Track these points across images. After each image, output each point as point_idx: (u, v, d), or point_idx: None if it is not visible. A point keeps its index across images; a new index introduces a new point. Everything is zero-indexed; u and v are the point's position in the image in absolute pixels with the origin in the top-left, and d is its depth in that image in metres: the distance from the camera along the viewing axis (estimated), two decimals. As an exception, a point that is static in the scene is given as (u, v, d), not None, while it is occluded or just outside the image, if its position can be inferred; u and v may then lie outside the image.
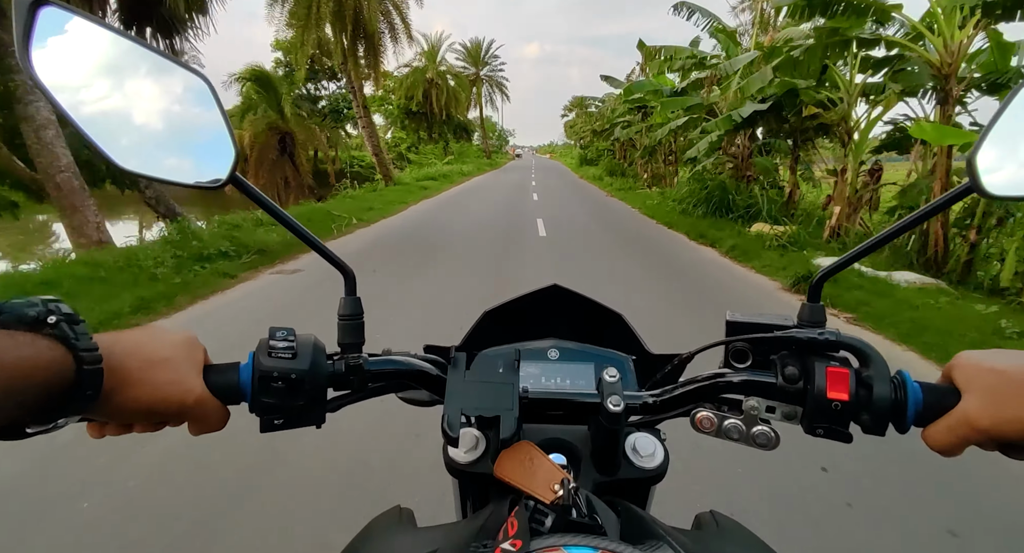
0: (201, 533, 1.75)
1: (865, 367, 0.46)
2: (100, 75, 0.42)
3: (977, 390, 0.42)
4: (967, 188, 0.41)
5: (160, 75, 0.44)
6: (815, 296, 0.50)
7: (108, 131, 0.41)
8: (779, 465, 2.10)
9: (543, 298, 0.71)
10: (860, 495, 1.98)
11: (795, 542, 1.73)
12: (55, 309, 0.35)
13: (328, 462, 2.14)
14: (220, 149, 0.46)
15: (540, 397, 0.54)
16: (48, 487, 1.98)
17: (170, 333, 0.44)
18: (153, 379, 0.40)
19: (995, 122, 0.41)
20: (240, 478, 2.04)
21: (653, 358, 0.67)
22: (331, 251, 0.53)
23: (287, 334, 0.47)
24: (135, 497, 1.93)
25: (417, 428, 2.32)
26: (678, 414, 0.55)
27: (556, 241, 7.83)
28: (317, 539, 1.71)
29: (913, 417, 0.44)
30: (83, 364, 0.34)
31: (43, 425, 0.36)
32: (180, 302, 4.50)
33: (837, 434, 0.47)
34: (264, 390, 0.45)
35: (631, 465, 0.54)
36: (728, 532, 0.54)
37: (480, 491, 0.60)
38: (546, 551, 0.34)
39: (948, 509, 1.91)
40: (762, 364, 0.52)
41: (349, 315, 0.53)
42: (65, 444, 2.18)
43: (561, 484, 0.44)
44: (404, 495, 1.91)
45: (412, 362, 0.55)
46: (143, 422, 0.43)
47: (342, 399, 0.52)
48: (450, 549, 0.41)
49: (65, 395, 0.34)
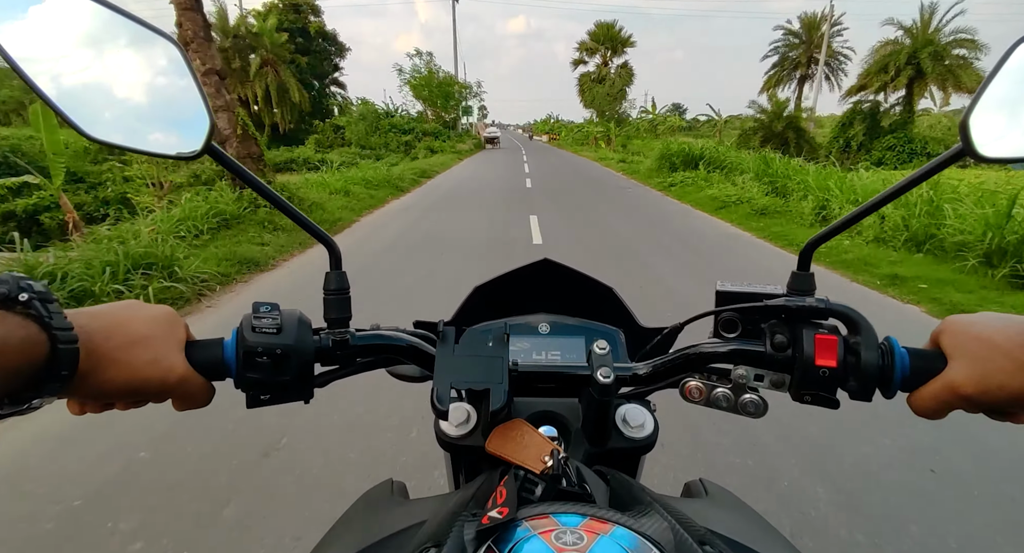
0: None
1: (854, 334, 0.46)
2: (64, 40, 0.40)
3: (963, 357, 0.42)
4: (959, 151, 0.40)
5: (128, 39, 0.42)
6: (804, 264, 0.50)
7: (74, 98, 0.39)
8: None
9: (534, 273, 0.70)
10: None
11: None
12: (27, 287, 0.34)
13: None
14: (194, 118, 0.44)
15: (530, 370, 0.54)
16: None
17: (148, 308, 0.43)
18: (132, 359, 0.39)
19: (988, 84, 0.40)
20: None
21: (643, 330, 0.67)
22: (315, 225, 0.52)
23: (271, 309, 0.46)
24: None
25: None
26: (668, 385, 0.55)
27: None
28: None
29: (900, 383, 0.45)
30: (57, 343, 0.33)
31: (16, 406, 0.35)
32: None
33: (824, 400, 0.47)
34: (249, 366, 0.45)
35: (621, 436, 0.55)
36: (717, 499, 0.55)
37: (472, 464, 0.61)
38: (535, 518, 0.34)
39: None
40: (752, 333, 0.52)
41: (335, 290, 0.52)
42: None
43: (551, 455, 0.44)
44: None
45: (400, 337, 0.54)
46: (124, 400, 0.42)
47: (329, 375, 0.52)
48: (438, 519, 0.41)
49: (39, 375, 0.33)
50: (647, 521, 0.36)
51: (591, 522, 0.34)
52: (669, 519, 0.37)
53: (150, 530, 1.70)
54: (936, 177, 5.69)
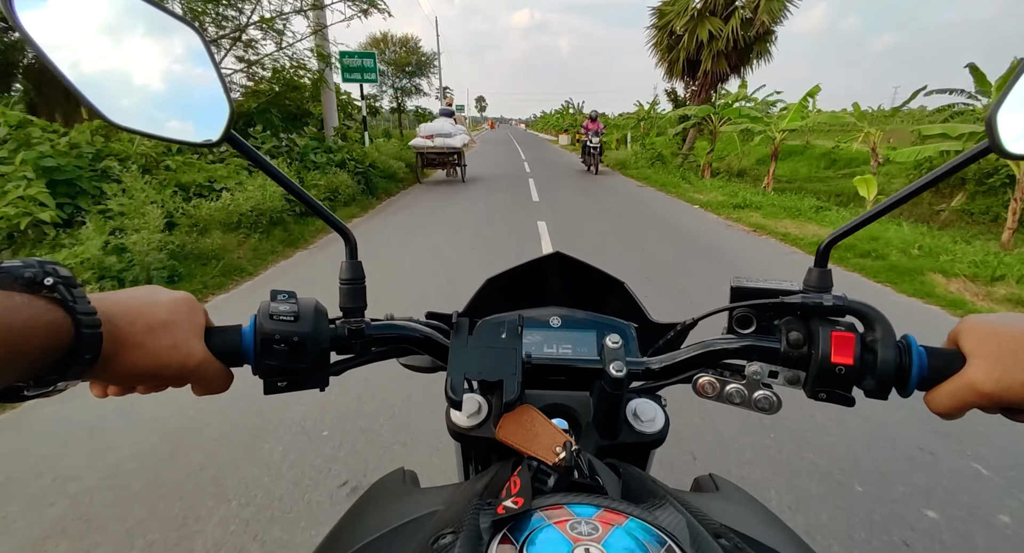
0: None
1: (871, 331, 0.46)
2: (87, 26, 0.40)
3: (983, 356, 0.41)
4: (986, 148, 0.40)
5: (149, 26, 0.42)
6: (822, 261, 0.50)
7: (97, 84, 0.40)
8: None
9: (545, 266, 0.70)
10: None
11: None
12: (52, 271, 0.34)
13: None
14: (214, 106, 0.44)
15: (543, 362, 0.54)
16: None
17: (169, 294, 0.43)
18: (153, 344, 0.40)
19: (1016, 81, 0.40)
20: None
21: (655, 326, 0.67)
22: (332, 215, 0.52)
23: (289, 297, 0.47)
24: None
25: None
26: (680, 380, 0.55)
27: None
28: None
29: (917, 381, 0.44)
30: (82, 327, 0.34)
31: (42, 388, 0.36)
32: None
33: (840, 398, 0.47)
34: (267, 353, 0.45)
35: (632, 430, 0.55)
36: (729, 494, 0.55)
37: (482, 455, 0.61)
38: (549, 509, 0.34)
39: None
40: (766, 329, 0.51)
41: (351, 279, 0.53)
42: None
43: (563, 446, 0.44)
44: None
45: (414, 327, 0.54)
46: (145, 384, 0.43)
47: (344, 363, 0.52)
48: (453, 507, 0.41)
49: (64, 358, 0.34)
50: (661, 514, 0.36)
51: (605, 513, 0.34)
52: (684, 512, 0.37)
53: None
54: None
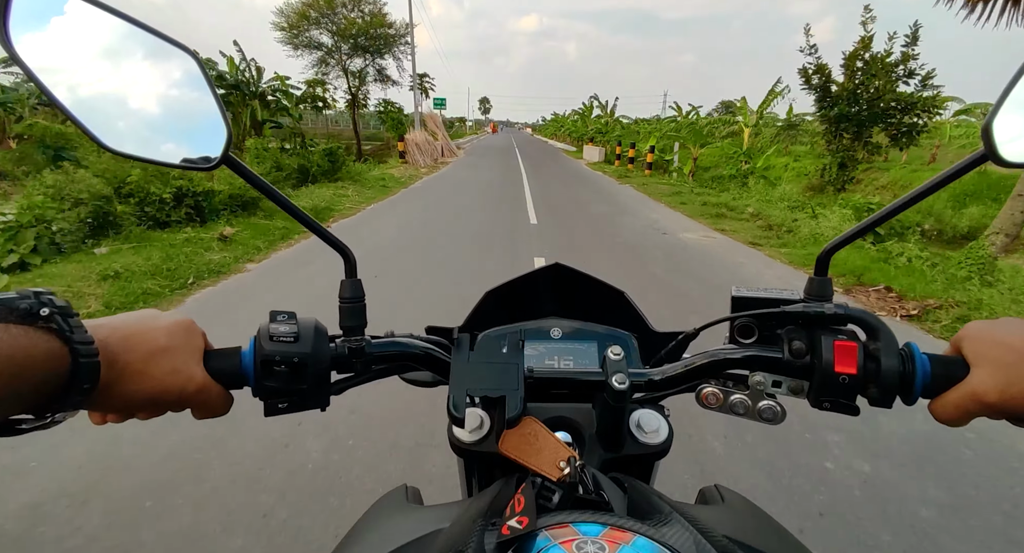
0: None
1: (873, 340, 0.46)
2: (83, 51, 0.40)
3: (986, 363, 0.41)
4: (982, 156, 0.40)
5: (146, 51, 0.42)
6: (822, 269, 0.50)
7: (92, 108, 0.40)
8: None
9: (545, 277, 0.70)
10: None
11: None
12: (48, 301, 0.34)
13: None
14: (212, 129, 0.44)
15: (545, 376, 0.54)
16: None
17: (167, 318, 0.43)
18: (152, 370, 0.39)
19: (1010, 89, 0.40)
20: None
21: (656, 335, 0.66)
22: (331, 233, 0.52)
23: (288, 318, 0.46)
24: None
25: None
26: (683, 390, 0.55)
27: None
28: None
29: (920, 389, 0.44)
30: (79, 357, 0.33)
31: (40, 421, 0.35)
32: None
33: (844, 407, 0.47)
34: (267, 374, 0.45)
35: (635, 441, 0.54)
36: (734, 506, 0.55)
37: (485, 470, 0.60)
38: (554, 528, 0.34)
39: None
40: (768, 339, 0.51)
41: (350, 298, 0.52)
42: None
43: (567, 461, 0.44)
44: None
45: (415, 344, 0.54)
46: (144, 410, 0.42)
47: (345, 382, 0.52)
48: (457, 527, 0.41)
49: (61, 389, 0.33)
50: (667, 530, 0.36)
51: (611, 532, 0.34)
52: (690, 528, 0.36)
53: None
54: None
